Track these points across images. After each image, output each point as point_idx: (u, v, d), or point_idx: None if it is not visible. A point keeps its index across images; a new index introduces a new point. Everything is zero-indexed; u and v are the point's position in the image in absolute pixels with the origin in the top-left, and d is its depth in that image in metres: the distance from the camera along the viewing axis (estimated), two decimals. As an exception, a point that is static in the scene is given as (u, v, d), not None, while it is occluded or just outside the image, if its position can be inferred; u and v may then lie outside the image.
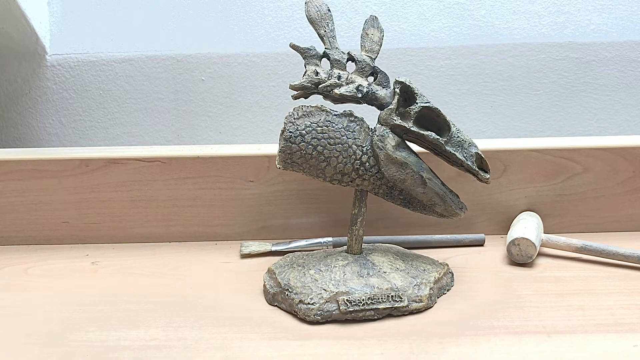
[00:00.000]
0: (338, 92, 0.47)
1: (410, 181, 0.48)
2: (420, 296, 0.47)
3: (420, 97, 0.47)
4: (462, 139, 0.47)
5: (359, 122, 0.48)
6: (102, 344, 0.43)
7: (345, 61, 0.48)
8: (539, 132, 0.78)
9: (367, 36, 0.49)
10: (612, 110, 0.77)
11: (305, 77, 0.48)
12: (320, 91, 0.48)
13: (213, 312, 0.48)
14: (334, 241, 0.59)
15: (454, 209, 0.49)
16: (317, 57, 0.48)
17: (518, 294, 0.49)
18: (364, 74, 0.48)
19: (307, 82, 0.48)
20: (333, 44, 0.48)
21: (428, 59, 0.76)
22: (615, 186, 0.61)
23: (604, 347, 0.41)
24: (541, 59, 0.75)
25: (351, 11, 0.75)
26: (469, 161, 0.48)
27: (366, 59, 0.48)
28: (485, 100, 0.77)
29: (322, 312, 0.45)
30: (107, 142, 0.80)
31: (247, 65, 0.76)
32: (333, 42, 0.48)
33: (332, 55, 0.48)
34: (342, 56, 0.48)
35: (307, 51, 0.48)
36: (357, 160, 0.48)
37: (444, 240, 0.60)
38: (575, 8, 0.74)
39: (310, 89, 0.48)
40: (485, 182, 0.49)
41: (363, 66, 0.48)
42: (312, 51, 0.48)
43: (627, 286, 0.50)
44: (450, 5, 0.75)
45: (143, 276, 0.55)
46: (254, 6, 0.76)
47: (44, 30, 0.77)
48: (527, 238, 0.54)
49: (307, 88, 0.48)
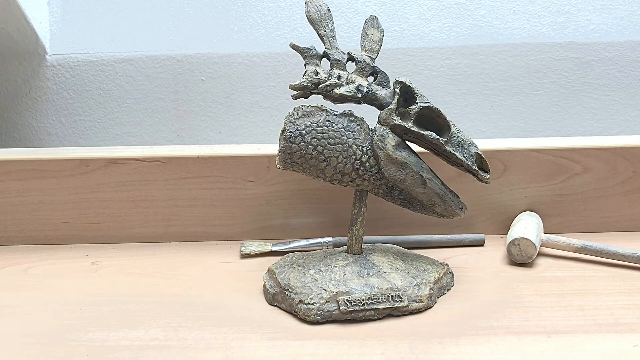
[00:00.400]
0: (338, 92, 0.47)
1: (410, 181, 0.48)
2: (420, 296, 0.47)
3: (420, 97, 0.47)
4: (462, 139, 0.47)
5: (359, 122, 0.48)
6: (102, 344, 0.43)
7: (345, 61, 0.48)
8: (539, 132, 0.78)
9: (367, 36, 0.49)
10: (612, 110, 0.77)
11: (305, 77, 0.48)
12: (320, 91, 0.48)
13: (213, 312, 0.48)
14: (334, 241, 0.59)
15: (454, 208, 0.49)
16: (317, 57, 0.48)
17: (518, 294, 0.49)
18: (364, 74, 0.48)
19: (307, 82, 0.48)
20: (333, 43, 0.48)
21: (428, 59, 0.76)
22: (615, 186, 0.61)
23: (604, 347, 0.41)
24: (541, 59, 0.75)
25: (351, 11, 0.75)
26: (469, 161, 0.48)
27: (366, 59, 0.48)
28: (485, 100, 0.77)
29: (322, 312, 0.45)
30: (107, 142, 0.80)
31: (247, 65, 0.76)
32: (333, 42, 0.48)
33: (332, 55, 0.48)
34: (342, 56, 0.48)
35: (307, 51, 0.48)
36: (357, 160, 0.48)
37: (444, 240, 0.60)
38: (576, 8, 0.74)
39: (310, 89, 0.48)
40: (485, 182, 0.49)
41: (363, 66, 0.48)
42: (312, 51, 0.48)
43: (627, 286, 0.50)
44: (450, 5, 0.75)
45: (143, 276, 0.55)
46: (254, 6, 0.76)
47: (44, 30, 0.77)
48: (527, 238, 0.54)
49: (307, 88, 0.48)
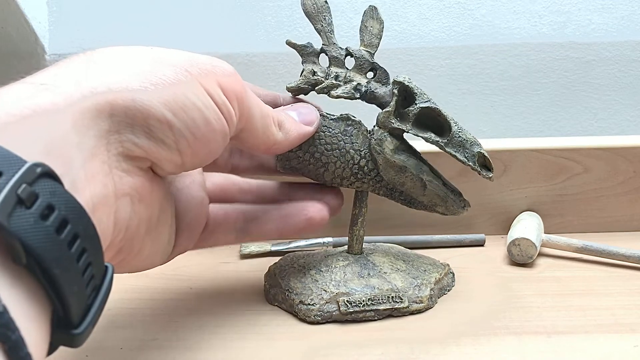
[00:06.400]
0: (335, 94, 0.46)
1: (410, 184, 0.47)
2: (421, 297, 0.47)
3: (420, 96, 0.45)
4: (464, 139, 0.46)
5: (356, 126, 0.47)
6: (100, 344, 0.43)
7: (343, 57, 0.47)
8: (539, 132, 0.78)
9: (366, 29, 0.47)
10: (612, 110, 0.77)
11: (301, 79, 0.47)
12: (317, 92, 0.47)
13: (213, 312, 0.47)
14: (334, 241, 0.59)
15: (455, 208, 0.49)
16: (314, 54, 0.47)
17: (518, 294, 0.49)
18: (362, 71, 0.47)
19: (304, 84, 0.47)
20: (331, 39, 0.47)
21: (428, 58, 0.76)
22: (616, 186, 0.61)
23: (605, 348, 0.41)
24: (541, 59, 0.75)
25: (351, 11, 0.75)
26: (471, 162, 0.46)
27: (365, 54, 0.47)
28: (485, 100, 0.77)
29: (322, 312, 0.45)
30: (106, 142, 0.80)
31: (247, 65, 0.76)
32: (331, 38, 0.47)
33: (329, 52, 0.47)
34: (339, 53, 0.47)
35: (304, 48, 0.47)
36: (355, 165, 0.47)
37: (444, 240, 0.60)
38: (576, 8, 0.74)
39: (307, 90, 0.47)
40: (489, 180, 0.47)
41: (362, 62, 0.47)
42: (309, 48, 0.47)
43: (628, 286, 0.50)
44: (451, 4, 0.75)
45: (143, 276, 0.54)
46: (254, 6, 0.76)
47: (43, 30, 0.77)
48: (528, 238, 0.54)
49: (304, 89, 0.47)
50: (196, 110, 0.33)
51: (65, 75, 0.30)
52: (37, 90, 0.29)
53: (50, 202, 0.24)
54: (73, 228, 0.25)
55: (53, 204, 0.24)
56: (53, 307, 0.25)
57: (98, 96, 0.30)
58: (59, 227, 0.24)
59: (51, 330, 0.25)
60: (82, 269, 0.25)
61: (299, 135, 0.43)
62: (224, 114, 0.35)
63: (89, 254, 0.26)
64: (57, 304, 0.24)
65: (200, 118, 0.33)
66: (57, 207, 0.24)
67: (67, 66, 0.31)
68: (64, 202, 0.25)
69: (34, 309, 0.23)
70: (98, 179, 0.29)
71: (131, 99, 0.30)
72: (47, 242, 0.23)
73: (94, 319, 0.26)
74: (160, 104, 0.31)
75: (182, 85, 0.33)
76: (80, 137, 0.28)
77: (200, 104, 0.33)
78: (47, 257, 0.23)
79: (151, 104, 0.31)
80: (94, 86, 0.30)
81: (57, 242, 0.24)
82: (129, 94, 0.31)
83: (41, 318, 0.24)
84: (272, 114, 0.40)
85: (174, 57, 0.34)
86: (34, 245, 0.23)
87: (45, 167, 0.24)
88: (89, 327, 0.26)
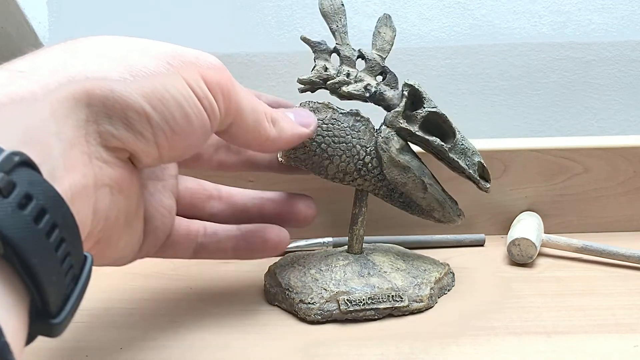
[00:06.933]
0: (346, 90, 0.47)
1: (411, 185, 0.48)
2: (421, 296, 0.47)
3: (428, 101, 0.47)
4: (466, 147, 0.48)
5: (364, 122, 0.48)
6: (101, 344, 0.43)
7: (355, 58, 0.48)
8: (539, 132, 0.78)
9: (379, 35, 0.48)
10: (612, 110, 0.77)
11: (313, 72, 0.47)
12: (328, 87, 0.47)
13: (213, 312, 0.47)
14: (334, 241, 0.59)
15: (451, 215, 0.50)
16: (327, 52, 0.48)
17: (518, 294, 0.49)
18: (373, 73, 0.48)
19: (316, 78, 0.47)
20: (344, 39, 0.48)
21: (428, 58, 0.76)
22: (616, 186, 0.61)
23: (605, 348, 0.41)
24: (541, 59, 0.75)
25: (351, 11, 0.75)
26: (471, 169, 0.48)
27: (376, 57, 0.48)
28: (485, 100, 0.77)
29: (322, 311, 0.45)
30: (106, 141, 0.80)
31: (247, 65, 0.76)
32: (344, 38, 0.48)
33: (342, 51, 0.48)
34: (352, 53, 0.48)
35: (318, 45, 0.48)
36: (360, 161, 0.47)
37: (444, 240, 0.60)
38: (576, 8, 0.74)
39: (318, 84, 0.48)
40: (485, 191, 0.49)
41: (373, 65, 0.48)
42: (323, 45, 0.48)
43: (628, 286, 0.50)
44: (451, 4, 0.75)
45: (143, 276, 0.55)
46: (253, 6, 0.76)
47: (43, 30, 0.77)
48: (528, 238, 0.54)
49: (315, 83, 0.47)
50: (175, 103, 0.32)
51: (44, 63, 0.30)
52: (15, 78, 0.28)
53: (28, 191, 0.23)
54: (51, 217, 0.24)
55: (31, 193, 0.23)
56: (31, 297, 0.24)
57: (75, 84, 0.29)
58: (37, 217, 0.23)
59: (30, 320, 0.25)
60: (60, 258, 0.25)
61: (294, 134, 0.43)
62: (206, 107, 0.34)
63: (68, 243, 0.25)
64: (35, 293, 0.24)
65: (179, 111, 0.33)
66: (35, 197, 0.24)
67: (47, 54, 0.31)
68: (42, 192, 0.24)
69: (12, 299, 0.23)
70: (77, 169, 0.29)
71: (109, 89, 0.30)
72: (25, 232, 0.23)
73: (72, 308, 0.26)
74: (139, 95, 0.31)
75: (162, 77, 0.32)
76: (59, 126, 0.28)
77: (180, 97, 0.33)
78: (25, 246, 0.23)
79: (130, 95, 0.31)
80: (72, 75, 0.29)
81: (35, 232, 0.23)
82: (107, 83, 0.30)
83: (19, 308, 0.24)
84: (264, 109, 0.40)
85: (157, 49, 0.34)
86: (12, 234, 0.22)
87: (24, 155, 0.24)
88: (68, 317, 0.26)
